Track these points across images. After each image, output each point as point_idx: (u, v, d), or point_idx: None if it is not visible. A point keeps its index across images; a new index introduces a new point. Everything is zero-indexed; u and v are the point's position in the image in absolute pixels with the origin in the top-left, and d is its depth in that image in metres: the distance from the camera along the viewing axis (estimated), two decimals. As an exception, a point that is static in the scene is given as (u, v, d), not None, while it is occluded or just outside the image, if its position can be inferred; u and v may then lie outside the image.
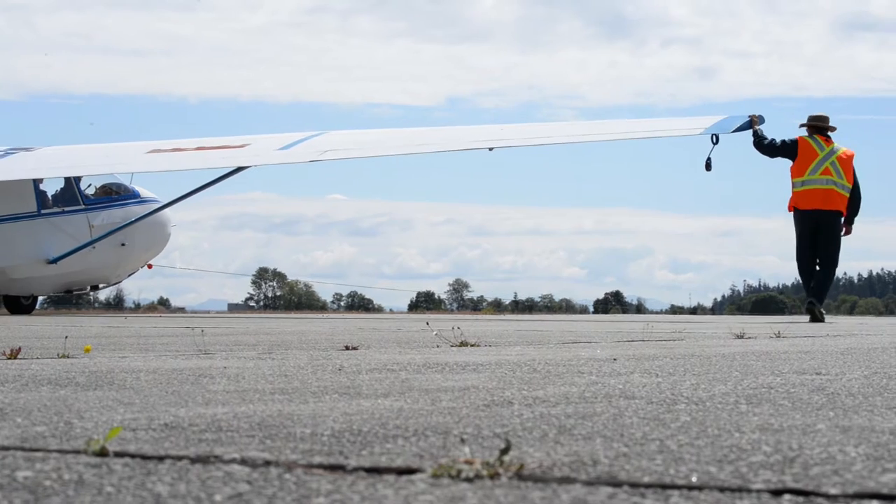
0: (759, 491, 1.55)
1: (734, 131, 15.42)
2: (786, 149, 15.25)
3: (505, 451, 1.74)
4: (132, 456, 1.85)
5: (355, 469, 1.73)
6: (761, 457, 1.85)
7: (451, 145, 18.96)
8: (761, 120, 15.40)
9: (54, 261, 20.62)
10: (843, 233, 15.42)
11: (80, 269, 21.29)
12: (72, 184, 21.04)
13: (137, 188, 22.26)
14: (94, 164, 20.15)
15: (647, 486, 1.59)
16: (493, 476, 1.65)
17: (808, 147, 15.17)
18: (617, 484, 1.60)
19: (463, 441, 2.02)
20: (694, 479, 1.64)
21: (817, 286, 15.31)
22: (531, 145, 18.77)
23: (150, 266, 23.56)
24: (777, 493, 1.54)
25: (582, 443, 2.02)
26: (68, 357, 4.77)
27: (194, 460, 1.81)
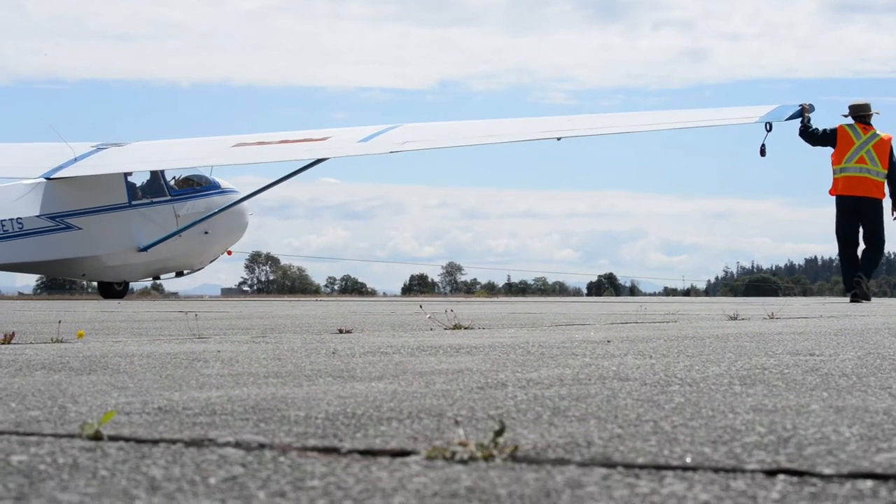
0: (753, 471, 1.55)
1: (787, 119, 16.37)
2: (826, 138, 16.12)
3: (499, 433, 1.74)
4: (126, 440, 1.85)
5: (350, 452, 1.73)
6: (755, 437, 1.85)
7: (521, 136, 19.94)
8: (812, 108, 16.33)
9: (145, 249, 21.76)
10: (893, 216, 16.31)
11: (168, 257, 22.42)
12: (158, 176, 22.12)
13: (217, 179, 23.28)
14: (184, 157, 21.46)
15: (642, 466, 1.59)
16: (488, 458, 1.65)
17: (846, 136, 15.98)
18: (611, 465, 1.60)
19: (457, 423, 2.02)
20: (688, 459, 1.64)
21: (865, 264, 16.15)
22: (597, 135, 19.85)
23: (229, 252, 24.74)
24: (771, 473, 1.54)
25: (576, 424, 2.02)
26: (62, 342, 4.77)
27: (188, 444, 1.81)
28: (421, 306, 9.56)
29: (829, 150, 16.15)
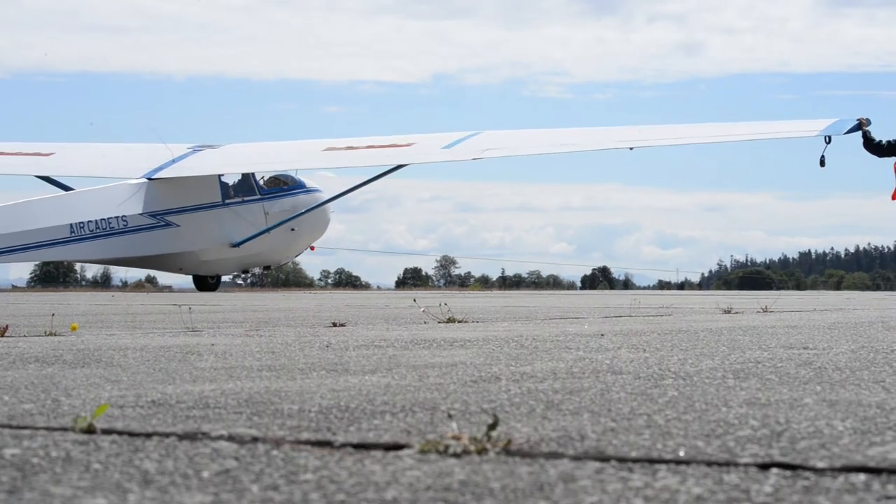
0: (746, 465, 1.55)
1: (846, 133, 17.85)
2: (892, 148, 17.73)
3: (492, 427, 1.74)
4: (119, 433, 1.85)
5: (343, 445, 1.73)
6: (749, 431, 1.85)
7: (595, 145, 21.04)
8: (868, 122, 17.86)
9: (237, 244, 23.04)
10: None
11: (258, 252, 23.66)
12: (249, 176, 23.37)
13: (303, 178, 24.44)
14: (277, 161, 22.80)
15: (635, 460, 1.59)
16: (481, 451, 1.65)
17: None
18: (604, 459, 1.60)
19: (450, 417, 2.02)
20: (681, 453, 1.64)
21: None
22: (668, 145, 21.01)
23: (312, 248, 26.09)
24: (764, 466, 1.54)
25: (569, 418, 2.02)
26: (56, 335, 4.76)
27: (182, 437, 1.81)
28: (415, 300, 9.57)
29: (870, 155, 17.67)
